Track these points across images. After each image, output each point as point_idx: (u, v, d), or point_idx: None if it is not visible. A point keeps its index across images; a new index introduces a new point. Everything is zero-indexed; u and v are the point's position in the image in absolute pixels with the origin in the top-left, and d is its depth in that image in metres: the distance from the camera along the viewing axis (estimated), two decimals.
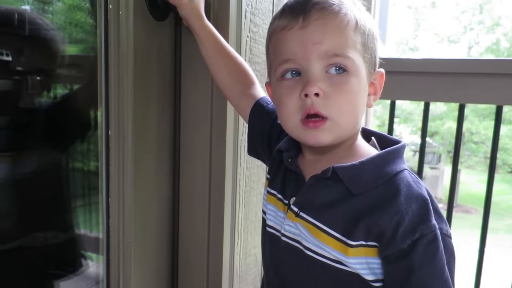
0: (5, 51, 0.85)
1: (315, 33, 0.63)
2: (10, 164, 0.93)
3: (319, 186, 0.67)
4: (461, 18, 15.32)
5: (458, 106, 1.33)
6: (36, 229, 0.99)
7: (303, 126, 0.65)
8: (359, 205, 0.63)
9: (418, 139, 13.50)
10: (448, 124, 11.81)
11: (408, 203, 0.61)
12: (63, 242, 1.06)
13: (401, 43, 15.97)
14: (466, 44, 15.46)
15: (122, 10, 0.81)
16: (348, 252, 0.63)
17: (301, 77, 0.65)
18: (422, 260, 0.60)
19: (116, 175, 0.87)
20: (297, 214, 0.68)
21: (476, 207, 11.04)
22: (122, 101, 0.85)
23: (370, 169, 0.64)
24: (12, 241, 0.93)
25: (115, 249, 0.89)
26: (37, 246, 1.00)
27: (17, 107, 0.94)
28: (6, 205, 0.94)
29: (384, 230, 0.60)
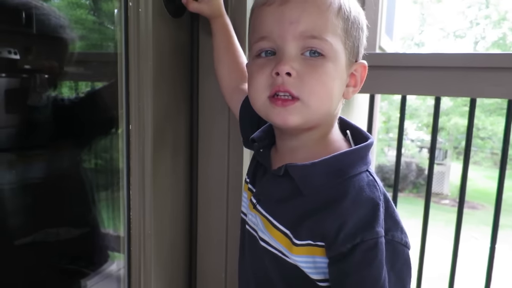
0: (13, 50, 0.86)
1: (293, 10, 0.61)
2: (38, 163, 0.96)
3: (274, 181, 0.68)
4: (467, 12, 15.20)
5: (464, 101, 1.33)
6: (62, 224, 1.02)
7: (270, 104, 0.63)
8: (307, 205, 0.63)
9: (424, 135, 13.46)
10: (454, 119, 11.76)
11: (354, 207, 0.60)
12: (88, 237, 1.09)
13: (406, 39, 15.88)
14: (472, 39, 15.35)
15: (141, 7, 0.83)
16: (292, 250, 0.63)
17: (275, 56, 0.64)
18: (359, 265, 0.59)
19: (136, 168, 0.89)
20: (255, 206, 0.70)
21: (483, 203, 10.98)
22: (142, 96, 0.87)
23: (321, 171, 0.63)
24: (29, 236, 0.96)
25: (136, 240, 0.91)
26: (61, 240, 1.02)
27: (37, 105, 0.97)
28: (39, 201, 0.97)
29: (327, 232, 0.60)
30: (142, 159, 0.88)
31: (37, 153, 0.97)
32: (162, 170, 0.94)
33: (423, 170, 12.49)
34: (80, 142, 1.06)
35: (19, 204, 0.98)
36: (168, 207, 0.98)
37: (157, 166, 0.91)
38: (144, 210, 0.90)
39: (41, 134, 0.97)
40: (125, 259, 0.93)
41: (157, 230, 0.93)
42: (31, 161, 0.97)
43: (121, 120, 0.88)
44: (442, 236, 5.37)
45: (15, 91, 0.89)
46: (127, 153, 0.89)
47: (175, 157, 0.98)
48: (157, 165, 0.91)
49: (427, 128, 12.98)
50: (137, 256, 0.91)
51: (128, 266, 0.93)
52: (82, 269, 1.08)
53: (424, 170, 12.52)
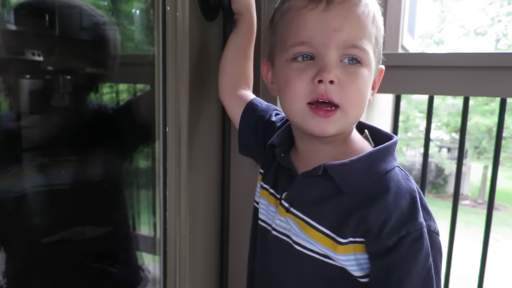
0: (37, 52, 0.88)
1: (337, 18, 0.62)
2: (79, 167, 0.99)
3: (309, 182, 0.67)
4: (488, 9, 14.89)
5: (485, 100, 1.30)
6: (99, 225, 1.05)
7: (310, 111, 0.63)
8: (349, 202, 0.63)
9: (443, 135, 13.25)
10: (475, 119, 11.53)
11: (396, 200, 0.61)
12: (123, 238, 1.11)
13: (425, 37, 15.66)
14: (493, 36, 15.05)
15: (179, 11, 0.84)
16: (337, 249, 0.63)
17: (314, 62, 0.63)
18: (405, 257, 0.60)
19: (172, 170, 0.90)
20: (288, 209, 0.69)
21: (505, 204, 10.77)
22: (179, 99, 0.88)
23: (360, 168, 0.64)
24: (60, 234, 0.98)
25: (172, 240, 0.92)
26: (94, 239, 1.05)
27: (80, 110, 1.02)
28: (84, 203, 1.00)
29: (371, 227, 0.61)
30: (178, 160, 0.90)
31: (74, 154, 0.99)
32: (197, 172, 0.95)
33: (443, 170, 12.31)
34: (117, 146, 1.08)
35: (50, 204, 1.01)
36: (203, 208, 0.99)
37: (192, 167, 0.92)
38: (180, 211, 0.92)
39: (81, 137, 1.00)
40: (161, 258, 0.94)
41: (191, 231, 0.94)
42: (68, 163, 1.00)
43: (158, 123, 0.89)
44: (463, 236, 5.31)
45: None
46: (163, 155, 0.90)
47: (209, 159, 1.00)
48: (192, 167, 0.92)
49: (446, 127, 12.78)
50: (173, 256, 0.93)
51: (164, 266, 0.94)
52: (108, 268, 1.10)
53: (444, 170, 12.33)
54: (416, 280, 0.60)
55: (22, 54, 0.87)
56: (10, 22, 0.86)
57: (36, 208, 0.97)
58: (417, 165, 12.27)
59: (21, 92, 0.89)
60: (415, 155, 13.22)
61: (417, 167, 12.24)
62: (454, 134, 12.93)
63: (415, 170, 12.22)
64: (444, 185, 12.34)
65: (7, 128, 0.88)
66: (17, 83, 0.88)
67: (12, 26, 0.86)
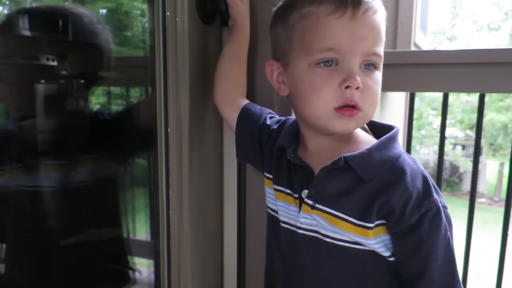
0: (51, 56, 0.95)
1: (363, 27, 0.66)
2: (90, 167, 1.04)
3: (330, 176, 0.70)
4: (501, 4, 14.65)
5: (500, 96, 1.27)
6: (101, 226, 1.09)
7: (336, 113, 0.67)
8: (371, 189, 0.67)
9: (457, 132, 13.07)
10: (490, 115, 11.36)
11: (413, 181, 0.67)
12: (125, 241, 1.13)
13: (438, 33, 15.47)
14: (507, 31, 14.82)
15: (178, 16, 0.87)
16: (368, 235, 0.68)
17: (338, 67, 0.67)
18: (429, 232, 0.66)
19: (175, 169, 0.93)
20: (313, 206, 0.71)
21: None
22: (180, 100, 0.91)
23: (376, 156, 0.69)
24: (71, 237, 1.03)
25: (175, 236, 0.96)
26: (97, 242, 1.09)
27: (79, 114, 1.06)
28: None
29: (394, 208, 0.66)
30: (180, 159, 0.93)
31: (84, 158, 1.04)
32: (198, 171, 0.98)
33: (457, 168, 12.15)
34: (123, 150, 1.12)
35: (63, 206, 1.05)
36: (204, 205, 1.02)
37: (193, 167, 0.95)
38: (182, 208, 0.94)
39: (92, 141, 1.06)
40: (165, 253, 0.97)
41: (193, 228, 0.97)
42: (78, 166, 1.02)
43: (160, 124, 0.92)
44: (480, 235, 5.22)
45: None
46: (165, 154, 0.93)
47: (210, 158, 1.03)
48: (193, 166, 0.95)
49: (460, 124, 12.61)
50: (176, 251, 0.96)
51: (168, 260, 0.97)
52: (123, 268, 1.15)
53: (458, 168, 12.17)
54: (441, 250, 0.67)
55: (38, 59, 0.94)
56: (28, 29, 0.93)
57: (50, 206, 1.03)
58: (431, 163, 12.13)
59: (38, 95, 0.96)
60: (428, 153, 13.08)
61: (431, 165, 12.10)
62: (469, 131, 12.75)
63: (429, 169, 12.09)
64: (459, 183, 12.17)
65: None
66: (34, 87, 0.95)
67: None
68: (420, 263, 0.67)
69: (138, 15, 1.17)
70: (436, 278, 0.67)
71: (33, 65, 0.95)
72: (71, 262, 1.06)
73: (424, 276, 0.67)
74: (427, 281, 0.67)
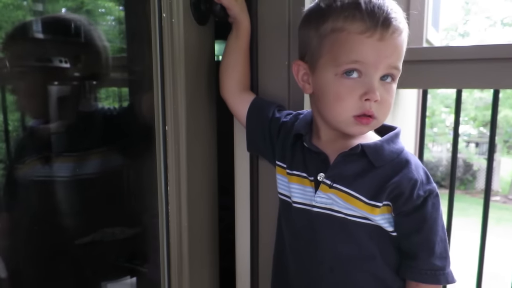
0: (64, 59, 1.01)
1: (389, 47, 0.75)
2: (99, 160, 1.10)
3: (346, 161, 0.82)
4: None
5: None
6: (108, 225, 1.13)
7: (355, 120, 0.78)
8: (382, 174, 0.79)
9: (471, 129, 12.90)
10: (504, 112, 11.16)
11: (417, 170, 0.80)
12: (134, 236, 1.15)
13: (450, 30, 15.28)
14: None
15: (174, 17, 0.90)
16: (375, 212, 0.79)
17: (361, 79, 0.76)
18: (431, 211, 0.80)
19: (173, 165, 0.96)
20: (331, 185, 0.82)
21: None
22: (176, 99, 0.94)
23: (386, 147, 0.81)
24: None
25: (174, 231, 0.99)
26: (108, 240, 1.13)
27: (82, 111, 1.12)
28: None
29: (403, 191, 0.78)
30: (178, 156, 0.96)
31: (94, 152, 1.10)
32: (195, 167, 1.01)
33: (471, 165, 11.99)
34: (121, 146, 1.16)
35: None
36: (202, 201, 1.05)
37: (190, 162, 0.98)
38: (180, 204, 0.98)
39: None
40: (164, 248, 1.00)
41: (192, 223, 1.01)
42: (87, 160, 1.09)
43: (158, 122, 0.95)
44: (494, 234, 5.13)
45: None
46: (164, 152, 0.96)
47: (206, 154, 1.06)
48: (191, 162, 0.99)
49: (474, 121, 12.44)
50: (176, 245, 0.99)
51: (168, 255, 1.00)
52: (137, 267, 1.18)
53: (472, 166, 12.01)
54: (439, 227, 0.81)
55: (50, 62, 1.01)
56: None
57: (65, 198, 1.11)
58: (444, 161, 11.99)
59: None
60: (441, 151, 12.94)
61: (443, 163, 11.97)
62: (482, 128, 12.58)
63: (442, 166, 11.96)
64: (473, 181, 12.01)
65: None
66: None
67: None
68: (424, 237, 0.80)
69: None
70: (436, 251, 0.80)
71: (49, 67, 1.02)
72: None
73: (427, 248, 0.80)
74: (429, 252, 0.80)
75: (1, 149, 1.02)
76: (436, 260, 0.80)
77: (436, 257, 0.80)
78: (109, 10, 1.24)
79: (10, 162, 1.04)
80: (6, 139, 1.00)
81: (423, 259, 0.81)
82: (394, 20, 0.74)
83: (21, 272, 1.05)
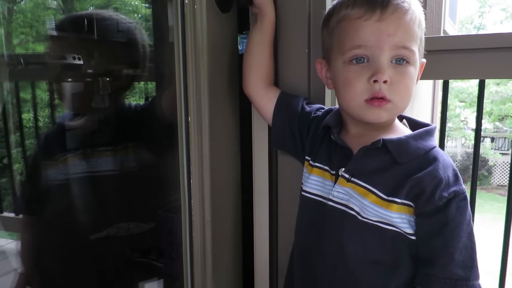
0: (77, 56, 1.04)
1: (390, 25, 0.73)
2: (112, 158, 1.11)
3: (367, 155, 0.79)
4: None
5: None
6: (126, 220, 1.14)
7: (367, 104, 0.75)
8: (404, 171, 0.75)
9: (486, 124, 12.70)
10: None
11: (445, 169, 0.74)
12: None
13: (465, 22, 15.03)
14: None
15: (197, 4, 0.88)
16: (392, 208, 0.75)
17: (368, 64, 0.75)
18: (454, 215, 0.73)
19: (195, 158, 0.94)
20: (349, 179, 0.79)
21: None
22: (199, 89, 0.92)
23: (412, 143, 0.77)
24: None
25: (197, 225, 0.97)
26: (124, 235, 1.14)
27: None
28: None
29: (425, 189, 0.72)
30: (201, 148, 0.94)
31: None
32: (219, 160, 0.99)
33: (486, 160, 11.82)
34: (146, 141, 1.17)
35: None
36: (226, 194, 1.04)
37: (214, 155, 0.96)
38: (203, 197, 0.96)
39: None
40: (187, 242, 0.99)
41: (215, 216, 0.99)
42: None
43: (180, 113, 0.93)
44: None
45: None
46: (186, 144, 0.94)
47: (230, 147, 1.04)
48: (214, 154, 0.96)
49: (489, 116, 12.25)
50: (198, 240, 0.98)
51: (190, 249, 0.99)
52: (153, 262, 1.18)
53: (487, 161, 11.84)
54: (464, 234, 0.73)
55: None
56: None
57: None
58: (459, 156, 11.84)
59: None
60: (455, 146, 12.78)
61: (458, 158, 11.82)
62: (498, 122, 12.38)
63: (456, 162, 11.80)
64: (489, 176, 11.84)
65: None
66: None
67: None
68: (443, 241, 0.73)
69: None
70: (457, 258, 0.72)
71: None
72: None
73: (446, 254, 0.73)
74: (448, 259, 0.73)
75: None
76: (456, 268, 0.72)
77: (456, 265, 0.72)
78: (136, 8, 1.26)
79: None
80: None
81: (441, 267, 0.73)
82: (393, 0, 0.73)
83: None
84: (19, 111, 1.32)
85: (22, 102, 1.32)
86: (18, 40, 1.28)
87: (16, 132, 1.32)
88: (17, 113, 1.31)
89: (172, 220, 1.08)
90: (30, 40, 1.29)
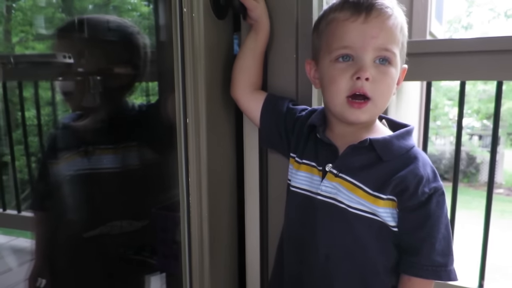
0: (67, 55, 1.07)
1: (374, 28, 0.79)
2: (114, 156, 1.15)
3: (354, 153, 0.84)
4: None
5: None
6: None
7: (347, 104, 0.81)
8: (388, 168, 0.82)
9: (474, 122, 12.87)
10: (508, 104, 11.12)
11: (424, 167, 0.81)
12: None
13: (453, 22, 15.18)
14: None
15: (195, 12, 0.93)
16: (378, 203, 0.81)
17: (353, 62, 0.80)
18: (435, 209, 0.81)
19: (194, 157, 0.98)
20: (337, 175, 0.85)
21: None
22: (197, 92, 0.96)
23: (395, 142, 0.83)
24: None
25: (195, 222, 1.02)
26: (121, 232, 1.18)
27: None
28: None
29: (409, 186, 0.79)
30: (198, 149, 0.98)
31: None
32: (215, 159, 1.04)
33: (474, 158, 11.97)
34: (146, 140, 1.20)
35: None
36: (222, 191, 1.08)
37: (211, 154, 1.01)
38: (201, 194, 1.00)
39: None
40: (186, 238, 1.03)
41: (212, 213, 1.04)
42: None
43: (179, 115, 0.98)
44: (497, 226, 5.14)
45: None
46: (185, 143, 0.98)
47: (227, 148, 1.09)
48: (211, 153, 1.01)
49: (477, 114, 12.41)
50: (196, 235, 1.02)
51: (189, 244, 1.03)
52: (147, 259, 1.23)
53: (475, 159, 11.99)
54: (442, 226, 0.82)
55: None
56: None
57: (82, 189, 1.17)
58: (447, 154, 11.97)
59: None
60: (444, 144, 12.92)
61: (447, 156, 11.94)
62: (485, 121, 12.54)
63: (445, 159, 11.93)
64: (476, 173, 12.00)
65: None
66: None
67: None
68: (426, 233, 0.81)
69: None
70: (437, 247, 0.81)
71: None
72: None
73: (428, 244, 0.81)
74: (430, 248, 0.81)
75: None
76: (437, 256, 0.81)
77: (437, 254, 0.81)
78: (135, 6, 1.30)
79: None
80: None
81: (424, 255, 0.81)
82: (379, 5, 0.79)
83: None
84: (22, 110, 1.36)
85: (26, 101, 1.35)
86: (18, 38, 1.31)
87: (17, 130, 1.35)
88: (19, 112, 1.35)
89: (171, 218, 1.12)
90: (30, 39, 1.31)
